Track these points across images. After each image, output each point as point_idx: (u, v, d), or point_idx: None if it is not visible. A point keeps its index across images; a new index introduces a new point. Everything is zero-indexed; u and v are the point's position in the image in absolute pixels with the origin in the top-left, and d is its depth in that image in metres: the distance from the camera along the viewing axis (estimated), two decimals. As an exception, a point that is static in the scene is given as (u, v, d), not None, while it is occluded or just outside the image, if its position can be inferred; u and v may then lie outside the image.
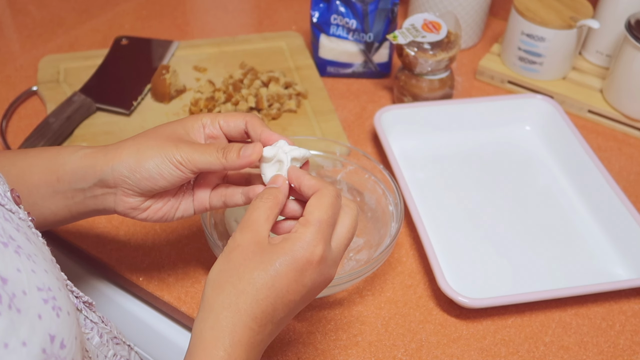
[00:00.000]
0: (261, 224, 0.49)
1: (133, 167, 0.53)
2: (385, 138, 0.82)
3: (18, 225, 0.42)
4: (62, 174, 0.55)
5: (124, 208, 0.56)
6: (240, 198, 0.57)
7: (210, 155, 0.53)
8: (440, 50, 0.86)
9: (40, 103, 0.91)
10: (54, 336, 0.37)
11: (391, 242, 0.66)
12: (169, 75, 0.88)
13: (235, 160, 0.53)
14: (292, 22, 1.10)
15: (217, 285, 0.48)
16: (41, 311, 0.37)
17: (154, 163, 0.53)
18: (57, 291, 0.40)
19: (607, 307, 0.70)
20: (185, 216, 0.59)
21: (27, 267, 0.39)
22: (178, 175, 0.54)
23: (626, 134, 0.92)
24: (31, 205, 0.56)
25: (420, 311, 0.68)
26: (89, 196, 0.55)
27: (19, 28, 1.06)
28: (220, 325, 0.46)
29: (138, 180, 0.54)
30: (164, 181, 0.54)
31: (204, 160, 0.53)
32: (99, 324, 0.53)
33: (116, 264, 0.71)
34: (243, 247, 0.48)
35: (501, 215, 0.79)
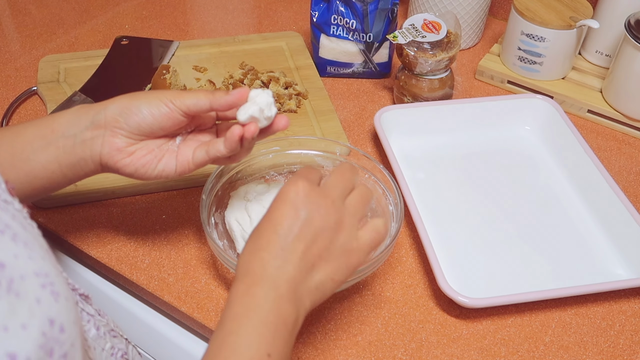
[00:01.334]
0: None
1: (125, 105, 0.57)
2: (385, 138, 0.82)
3: (14, 214, 0.42)
4: (56, 125, 0.58)
5: (109, 149, 0.58)
6: (221, 146, 0.58)
7: (199, 94, 0.57)
8: (440, 50, 0.86)
9: (40, 103, 0.91)
10: (53, 320, 0.38)
11: (391, 242, 0.66)
12: (169, 75, 0.88)
13: (223, 96, 0.57)
14: (292, 22, 1.10)
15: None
16: (40, 295, 0.38)
17: (146, 101, 0.57)
18: (55, 277, 0.40)
19: (607, 307, 0.70)
20: (165, 171, 0.60)
21: (24, 253, 0.39)
22: (167, 114, 0.57)
23: (626, 134, 0.92)
24: (23, 161, 0.58)
25: (420, 311, 0.69)
26: (78, 142, 0.58)
27: (19, 28, 1.06)
28: (237, 269, 0.52)
29: (128, 117, 0.57)
30: (153, 119, 0.57)
31: (193, 98, 0.57)
32: (95, 316, 0.54)
33: (116, 264, 0.71)
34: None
35: (501, 215, 0.79)
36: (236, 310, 0.49)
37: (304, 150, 0.77)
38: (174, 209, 0.77)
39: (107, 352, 0.53)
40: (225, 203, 0.72)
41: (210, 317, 0.67)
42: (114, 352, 0.54)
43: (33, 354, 0.35)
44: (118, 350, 0.55)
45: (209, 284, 0.69)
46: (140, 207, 0.77)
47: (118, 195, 0.78)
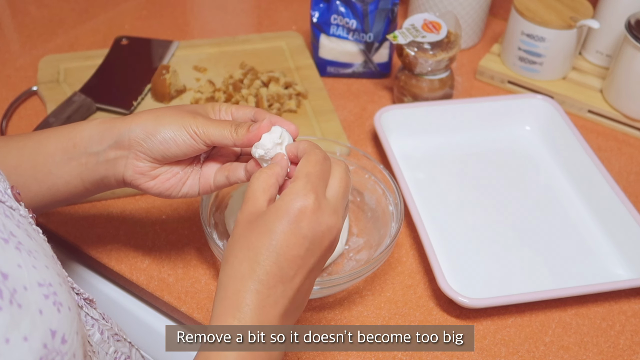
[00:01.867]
0: (258, 195, 0.50)
1: (150, 131, 0.55)
2: (385, 138, 0.82)
3: (19, 221, 0.42)
4: (79, 139, 0.57)
5: (133, 172, 0.57)
6: (242, 173, 0.58)
7: (224, 129, 0.56)
8: (440, 50, 0.86)
9: (40, 103, 0.91)
10: (55, 331, 0.38)
11: (391, 242, 0.66)
12: (169, 75, 0.88)
13: (244, 134, 0.55)
14: (292, 22, 1.10)
15: (225, 261, 0.49)
16: (42, 306, 0.38)
17: (171, 129, 0.55)
18: (58, 287, 0.40)
19: (607, 307, 0.70)
20: (189, 194, 0.60)
21: (28, 263, 0.39)
22: (191, 145, 0.56)
23: (626, 134, 0.92)
24: (45, 175, 0.57)
25: (420, 311, 0.68)
26: (101, 160, 0.57)
27: (19, 28, 1.06)
28: (227, 296, 0.47)
29: (152, 144, 0.56)
30: (177, 149, 0.56)
31: (217, 134, 0.56)
32: (99, 320, 0.53)
33: (116, 264, 0.71)
34: (242, 220, 0.49)
35: (501, 215, 0.79)
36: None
37: (304, 150, 0.77)
38: (174, 209, 0.77)
39: (110, 356, 0.53)
40: (225, 203, 0.72)
41: (210, 318, 0.66)
42: (118, 356, 0.54)
43: None
44: (121, 354, 0.55)
45: (209, 284, 0.69)
46: (140, 207, 0.77)
47: (118, 195, 0.78)
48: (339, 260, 0.72)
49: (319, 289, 0.64)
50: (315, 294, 0.66)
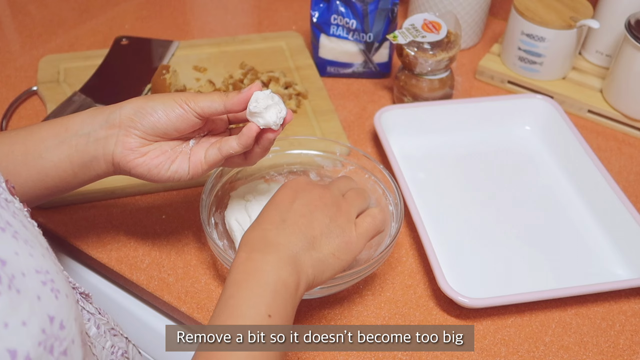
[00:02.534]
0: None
1: (140, 106, 0.58)
2: (385, 138, 0.82)
3: (14, 213, 0.42)
4: (71, 124, 0.59)
5: (122, 149, 0.58)
6: (234, 143, 0.59)
7: (212, 96, 0.58)
8: (440, 50, 0.86)
9: (40, 103, 0.91)
10: (53, 317, 0.38)
11: (391, 242, 0.66)
12: (169, 75, 0.88)
13: (235, 95, 0.58)
14: (292, 22, 1.10)
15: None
16: (40, 292, 0.38)
17: (161, 102, 0.58)
18: (55, 274, 0.40)
19: (607, 307, 0.70)
20: (178, 173, 0.60)
21: (25, 251, 0.39)
22: (181, 115, 0.58)
23: (626, 134, 0.92)
24: (35, 159, 0.58)
25: (420, 311, 0.68)
26: (91, 140, 0.58)
27: (19, 28, 1.06)
28: (239, 244, 0.55)
29: (142, 117, 0.58)
30: (167, 120, 0.58)
31: (207, 100, 0.58)
32: (95, 314, 0.54)
33: (116, 264, 0.71)
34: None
35: (501, 215, 0.79)
36: (236, 276, 0.51)
37: (304, 150, 0.77)
38: (174, 209, 0.77)
39: (107, 350, 0.53)
40: (225, 203, 0.72)
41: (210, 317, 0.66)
42: (114, 351, 0.54)
43: (33, 350, 0.36)
44: (118, 348, 0.55)
45: (209, 284, 0.69)
46: (140, 207, 0.77)
47: (118, 195, 0.78)
48: (339, 260, 0.72)
49: (319, 288, 0.64)
50: (315, 293, 0.66)
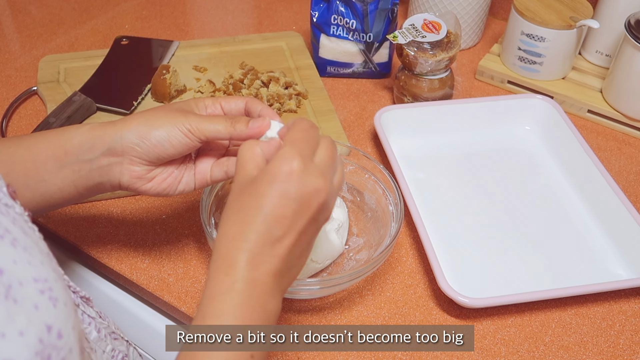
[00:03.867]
0: (245, 164, 0.50)
1: (142, 134, 0.55)
2: (385, 138, 0.82)
3: (14, 218, 0.42)
4: (69, 147, 0.56)
5: (129, 177, 0.57)
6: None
7: (219, 124, 0.56)
8: (440, 50, 0.86)
9: (40, 103, 0.91)
10: (50, 326, 0.38)
11: (391, 242, 0.66)
12: (169, 75, 0.88)
13: (244, 130, 0.55)
14: (292, 22, 1.10)
15: (219, 227, 0.50)
16: (38, 302, 0.38)
17: (164, 130, 0.55)
18: (54, 282, 0.40)
19: (607, 307, 0.70)
20: (186, 190, 0.60)
21: (24, 259, 0.39)
22: (186, 143, 0.56)
23: (626, 134, 0.92)
24: (37, 182, 0.57)
25: (420, 311, 0.68)
26: (94, 167, 0.56)
27: (19, 28, 1.06)
28: (220, 256, 0.48)
29: (147, 147, 0.55)
30: (172, 149, 0.56)
31: (212, 129, 0.56)
32: (96, 318, 0.53)
33: (116, 264, 0.71)
34: (234, 188, 0.50)
35: (501, 215, 0.79)
36: (226, 316, 0.47)
37: (304, 150, 0.77)
38: (174, 209, 0.77)
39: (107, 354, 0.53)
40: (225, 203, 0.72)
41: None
42: (115, 355, 0.54)
43: None
44: (119, 352, 0.55)
45: (209, 284, 0.69)
46: (140, 207, 0.77)
47: (118, 195, 0.78)
48: (339, 260, 0.72)
49: (318, 288, 0.64)
50: (315, 293, 0.66)
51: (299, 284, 0.64)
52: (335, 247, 0.69)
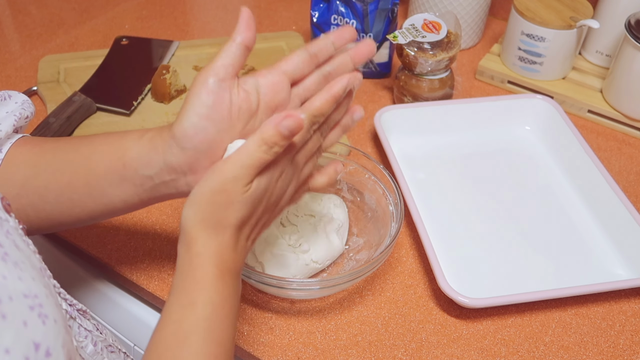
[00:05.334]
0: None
1: (181, 136, 0.51)
2: (385, 138, 0.82)
3: (8, 232, 0.41)
4: (127, 159, 0.53)
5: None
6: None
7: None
8: (440, 50, 0.86)
9: (41, 103, 0.91)
10: (38, 344, 0.37)
11: (391, 242, 0.66)
12: (169, 75, 0.88)
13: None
14: (292, 22, 1.10)
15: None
16: (27, 318, 0.37)
17: (192, 111, 0.51)
18: (44, 298, 0.39)
19: (607, 307, 0.70)
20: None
21: (14, 274, 0.38)
22: (219, 92, 0.52)
23: (626, 134, 0.92)
24: (100, 193, 0.55)
25: (420, 311, 0.69)
26: (158, 182, 0.53)
27: (19, 28, 1.06)
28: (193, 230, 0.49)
29: (194, 145, 0.51)
30: (211, 123, 0.52)
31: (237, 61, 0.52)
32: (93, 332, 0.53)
33: (116, 264, 0.71)
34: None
35: (501, 215, 0.79)
36: (213, 301, 0.48)
37: (304, 150, 0.77)
38: (174, 208, 0.77)
39: None
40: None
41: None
42: None
43: None
44: None
45: (209, 284, 0.69)
46: (140, 207, 0.77)
47: (118, 195, 0.78)
48: (339, 260, 0.72)
49: (318, 288, 0.64)
50: (315, 293, 0.66)
51: (299, 284, 0.64)
52: (335, 247, 0.69)
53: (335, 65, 0.56)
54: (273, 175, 0.50)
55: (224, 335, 0.48)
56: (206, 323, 0.47)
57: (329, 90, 0.52)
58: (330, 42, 0.55)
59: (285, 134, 0.47)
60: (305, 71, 0.55)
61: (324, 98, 0.51)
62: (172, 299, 0.48)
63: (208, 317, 0.47)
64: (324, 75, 0.56)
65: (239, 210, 0.48)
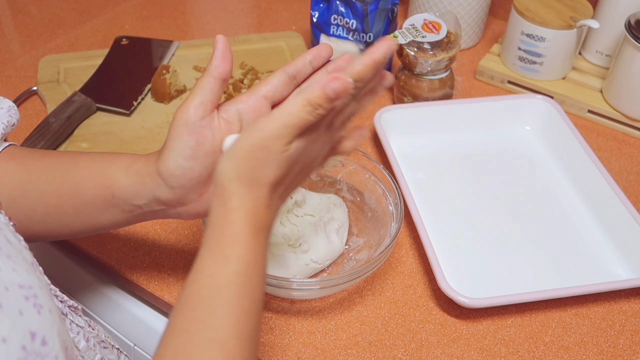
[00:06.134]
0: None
1: (169, 175, 0.52)
2: (385, 138, 0.82)
3: None
4: (115, 190, 0.54)
5: (188, 216, 0.55)
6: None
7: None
8: (440, 50, 0.86)
9: (40, 103, 0.91)
10: (34, 333, 0.37)
11: (391, 242, 0.66)
12: (169, 75, 0.88)
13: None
14: (292, 22, 1.10)
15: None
16: (22, 308, 0.37)
17: (175, 150, 0.52)
18: (39, 289, 0.40)
19: (607, 307, 0.70)
20: None
21: (8, 266, 0.39)
22: (199, 129, 0.52)
23: (626, 134, 0.92)
24: (88, 217, 0.55)
25: (420, 311, 0.68)
26: (148, 211, 0.54)
27: (19, 28, 1.06)
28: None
29: (183, 183, 0.52)
30: (197, 162, 0.52)
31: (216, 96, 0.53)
32: (85, 328, 0.53)
33: (116, 264, 0.71)
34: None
35: (501, 215, 0.79)
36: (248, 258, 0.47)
37: (304, 150, 0.77)
38: (174, 209, 0.77)
39: None
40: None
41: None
42: None
43: None
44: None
45: (209, 284, 0.69)
46: (140, 207, 0.77)
47: (118, 195, 0.78)
48: (339, 260, 0.72)
49: (318, 288, 0.64)
50: (315, 293, 0.66)
51: (299, 284, 0.64)
52: (335, 247, 0.69)
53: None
54: (312, 137, 0.49)
55: (256, 292, 0.47)
56: (240, 278, 0.46)
57: (371, 54, 0.50)
58: (308, 62, 0.55)
59: (331, 96, 0.45)
60: (284, 93, 0.55)
61: (365, 62, 0.49)
62: (205, 253, 0.47)
63: (242, 272, 0.46)
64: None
65: (277, 169, 0.47)
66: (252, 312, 0.46)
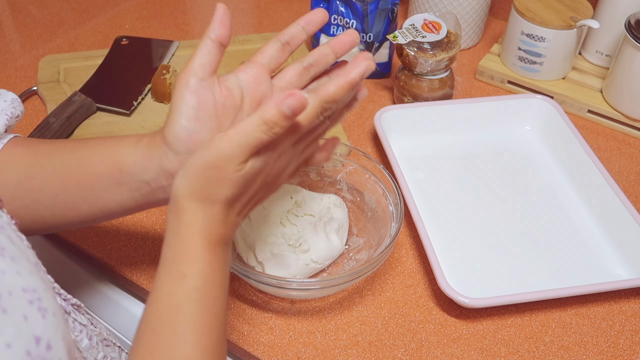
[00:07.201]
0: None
1: (176, 141, 0.51)
2: (385, 138, 0.82)
3: (1, 227, 0.41)
4: (123, 164, 0.53)
5: None
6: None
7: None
8: (440, 50, 0.86)
9: (40, 103, 0.91)
10: (39, 338, 0.37)
11: (391, 242, 0.66)
12: (169, 75, 0.88)
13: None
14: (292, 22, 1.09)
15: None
16: (27, 312, 0.37)
17: (182, 113, 0.51)
18: (43, 292, 0.39)
19: (607, 307, 0.70)
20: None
21: (12, 269, 0.38)
22: (206, 92, 0.52)
23: (626, 134, 0.92)
24: (95, 197, 0.54)
25: (420, 311, 0.69)
26: (156, 187, 0.53)
27: (19, 28, 1.06)
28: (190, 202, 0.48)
29: (190, 148, 0.51)
30: (202, 120, 0.52)
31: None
32: (88, 326, 0.53)
33: (116, 264, 0.71)
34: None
35: (501, 215, 0.79)
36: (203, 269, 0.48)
37: (304, 150, 0.77)
38: (174, 209, 0.77)
39: None
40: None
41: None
42: None
43: None
44: (111, 359, 0.55)
45: (209, 284, 0.69)
46: (140, 207, 0.77)
47: (118, 195, 0.78)
48: (339, 260, 0.72)
49: (318, 288, 0.64)
50: (315, 293, 0.66)
51: (299, 284, 0.64)
52: (335, 247, 0.69)
53: (315, 57, 0.57)
54: (271, 156, 0.48)
55: (216, 305, 0.47)
56: (197, 294, 0.46)
57: (345, 75, 0.47)
58: (301, 28, 0.56)
59: (287, 114, 0.43)
60: (280, 59, 0.56)
61: (339, 84, 0.47)
62: (162, 271, 0.47)
63: (199, 287, 0.46)
64: (304, 67, 0.56)
65: (230, 188, 0.47)
66: (215, 325, 0.47)
